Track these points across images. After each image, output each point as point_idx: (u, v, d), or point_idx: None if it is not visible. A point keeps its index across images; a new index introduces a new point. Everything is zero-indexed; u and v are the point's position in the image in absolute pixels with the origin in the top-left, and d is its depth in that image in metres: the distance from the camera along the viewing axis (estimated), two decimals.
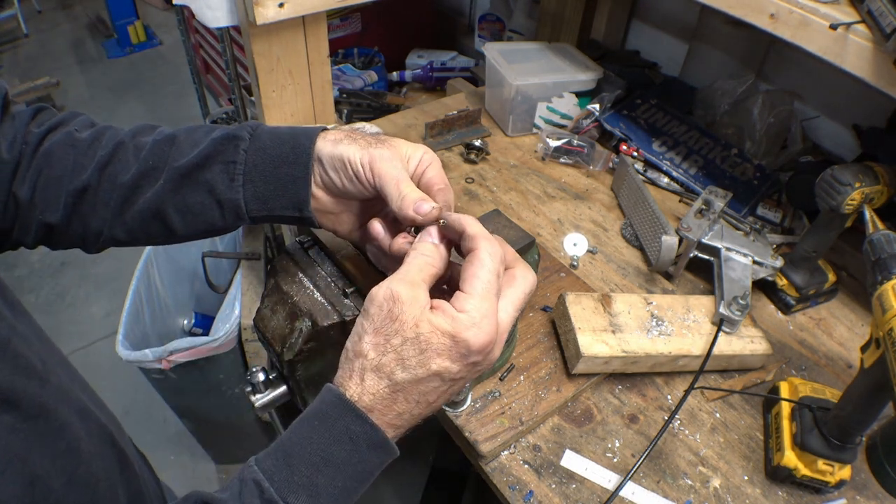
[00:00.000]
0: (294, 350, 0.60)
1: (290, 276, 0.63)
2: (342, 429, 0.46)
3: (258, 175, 0.56)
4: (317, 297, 0.61)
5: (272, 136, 0.57)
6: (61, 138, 0.58)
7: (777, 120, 1.31)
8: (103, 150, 0.57)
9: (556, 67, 1.46)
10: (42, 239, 0.60)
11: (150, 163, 0.57)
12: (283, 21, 1.10)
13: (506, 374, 0.89)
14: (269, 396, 0.65)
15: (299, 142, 0.56)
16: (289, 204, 0.57)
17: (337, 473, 0.46)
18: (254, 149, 0.56)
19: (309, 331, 0.59)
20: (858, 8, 0.80)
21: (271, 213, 0.57)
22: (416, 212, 0.52)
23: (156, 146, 0.57)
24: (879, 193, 0.90)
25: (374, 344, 0.46)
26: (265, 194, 0.57)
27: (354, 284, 0.62)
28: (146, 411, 2.12)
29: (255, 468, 0.45)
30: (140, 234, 0.59)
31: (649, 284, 1.10)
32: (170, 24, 4.54)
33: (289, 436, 0.47)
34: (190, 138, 0.58)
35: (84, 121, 0.62)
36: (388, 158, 0.54)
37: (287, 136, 0.57)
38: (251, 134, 0.57)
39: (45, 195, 0.57)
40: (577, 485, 0.80)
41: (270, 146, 0.56)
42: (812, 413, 0.80)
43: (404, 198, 0.53)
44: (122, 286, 1.63)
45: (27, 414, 0.45)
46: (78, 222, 0.58)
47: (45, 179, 0.57)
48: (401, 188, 0.53)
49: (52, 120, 0.61)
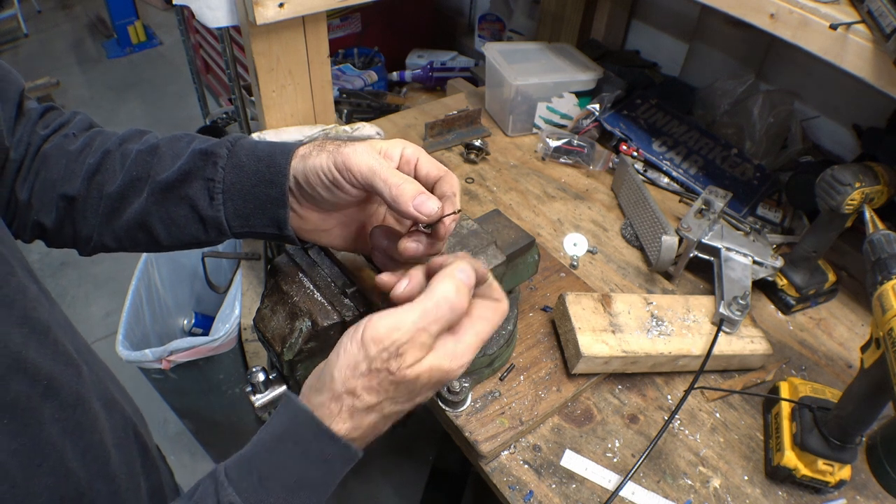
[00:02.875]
0: (294, 350, 0.59)
1: (290, 276, 0.63)
2: (318, 452, 0.45)
3: (237, 193, 0.55)
4: (317, 297, 0.61)
5: (250, 153, 0.56)
6: (57, 142, 0.59)
7: (777, 120, 1.31)
8: (92, 158, 0.58)
9: (556, 67, 1.46)
10: (38, 237, 0.61)
11: (134, 174, 0.57)
12: (283, 21, 1.10)
13: (506, 374, 0.89)
14: (269, 396, 0.65)
15: (275, 160, 0.54)
16: (268, 222, 0.56)
17: (311, 494, 0.46)
18: (231, 166, 0.55)
19: (309, 331, 0.59)
20: (858, 8, 0.80)
21: (253, 229, 0.57)
22: (419, 210, 0.49)
23: (139, 156, 0.57)
24: (879, 193, 0.90)
25: (367, 388, 0.45)
26: (245, 212, 0.56)
27: (354, 284, 0.61)
28: (146, 411, 2.09)
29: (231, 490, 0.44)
30: (127, 243, 0.60)
31: (649, 284, 1.10)
32: (170, 24, 4.54)
33: (263, 456, 0.46)
34: (171, 149, 0.57)
35: (81, 122, 0.62)
36: (361, 152, 0.51)
37: (264, 154, 0.55)
38: (229, 150, 0.56)
39: (41, 197, 0.57)
40: (577, 485, 0.80)
41: (247, 164, 0.55)
42: (812, 413, 0.79)
43: (398, 189, 0.49)
44: (122, 286, 1.63)
45: (65, 403, 0.45)
46: (69, 226, 0.59)
47: (41, 182, 0.57)
48: (386, 177, 0.50)
49: (56, 121, 0.61)
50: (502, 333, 0.87)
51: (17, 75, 0.58)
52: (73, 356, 0.48)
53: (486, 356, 0.84)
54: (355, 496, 1.92)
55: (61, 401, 0.45)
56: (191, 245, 0.60)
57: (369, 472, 1.98)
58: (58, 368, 0.45)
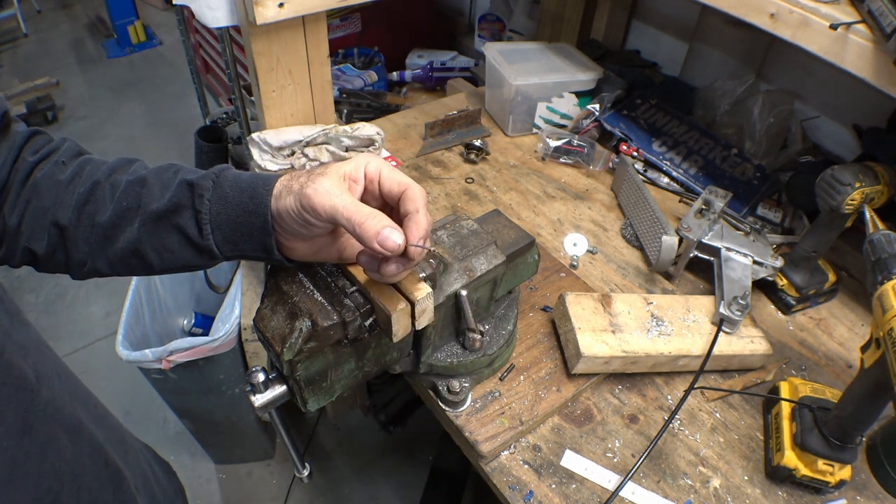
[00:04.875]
0: (294, 350, 0.59)
1: (290, 275, 0.63)
2: None
3: (224, 223, 0.57)
4: (317, 297, 0.61)
5: (233, 185, 0.57)
6: (48, 171, 0.59)
7: (777, 120, 1.31)
8: (82, 188, 0.59)
9: (556, 67, 1.46)
10: (27, 263, 0.61)
11: (124, 204, 0.58)
12: (283, 21, 1.10)
13: (506, 374, 0.89)
14: (269, 396, 0.65)
15: (257, 192, 0.56)
16: (257, 248, 0.58)
17: None
18: (216, 198, 0.57)
19: (309, 331, 0.59)
20: (858, 8, 0.80)
21: (243, 253, 0.59)
22: (383, 246, 0.50)
23: (128, 187, 0.59)
24: (879, 193, 0.90)
25: None
26: (234, 239, 0.58)
27: (354, 284, 0.61)
28: (146, 411, 2.12)
29: None
30: (121, 268, 0.61)
31: (649, 284, 1.10)
32: (170, 24, 4.54)
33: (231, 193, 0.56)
34: (159, 180, 0.59)
35: (70, 150, 0.63)
36: (322, 191, 0.52)
37: (246, 186, 0.57)
38: (214, 182, 0.58)
39: (32, 225, 0.58)
40: (577, 485, 0.80)
41: (231, 195, 0.57)
42: (812, 413, 0.80)
43: (361, 228, 0.50)
44: (122, 286, 1.63)
45: (11, 430, 0.44)
46: (61, 253, 0.60)
47: (32, 210, 0.58)
48: (349, 216, 0.51)
49: (45, 148, 0.61)
50: (502, 333, 0.87)
51: None
52: (27, 380, 0.47)
53: (487, 356, 0.84)
54: (355, 496, 1.92)
55: (6, 427, 0.44)
56: (184, 269, 0.62)
57: (369, 472, 1.98)
58: (7, 393, 0.44)
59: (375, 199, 0.58)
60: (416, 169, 1.35)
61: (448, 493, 1.70)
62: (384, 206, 0.57)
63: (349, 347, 0.65)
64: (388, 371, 0.79)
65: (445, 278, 0.75)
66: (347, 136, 1.27)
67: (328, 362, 0.65)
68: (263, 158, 1.24)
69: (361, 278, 0.60)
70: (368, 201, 0.57)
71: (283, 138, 1.24)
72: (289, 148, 1.25)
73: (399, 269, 0.55)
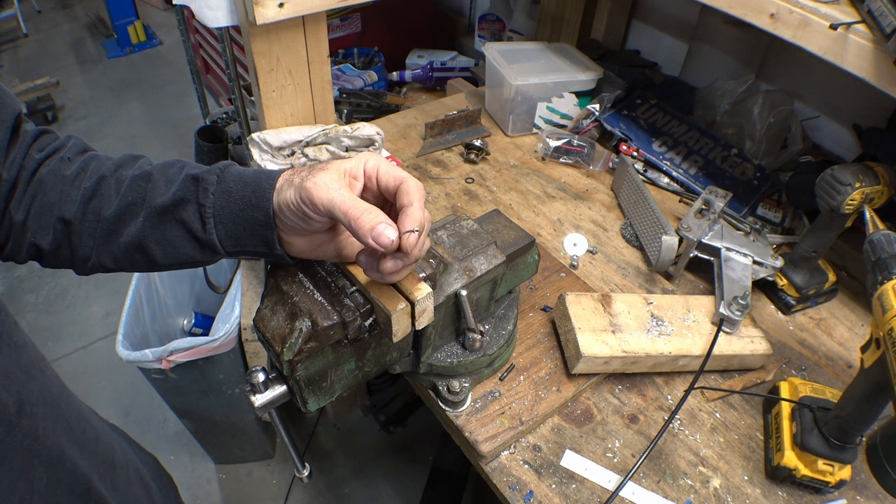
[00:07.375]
0: (294, 350, 0.59)
1: (290, 275, 0.63)
2: None
3: (227, 217, 0.58)
4: (317, 297, 0.61)
5: (237, 180, 0.58)
6: (53, 166, 0.60)
7: (777, 120, 1.31)
8: (87, 183, 0.59)
9: (556, 67, 1.46)
10: (33, 258, 0.61)
11: (130, 199, 0.59)
12: (283, 21, 1.10)
13: (506, 374, 0.89)
14: (269, 396, 0.65)
15: (260, 186, 0.57)
16: (259, 243, 0.59)
17: None
18: (220, 191, 0.58)
19: (309, 331, 0.59)
20: (858, 8, 0.80)
21: (244, 248, 0.60)
22: (377, 241, 0.51)
23: (134, 182, 0.59)
24: (879, 193, 0.90)
25: None
26: (236, 233, 0.58)
27: (354, 284, 0.61)
28: (146, 411, 2.12)
29: None
30: (125, 263, 0.61)
31: (649, 284, 1.10)
32: (170, 24, 4.55)
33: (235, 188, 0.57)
34: (164, 175, 0.60)
35: (76, 146, 0.63)
36: (322, 185, 0.52)
37: (250, 180, 0.58)
38: (219, 176, 0.59)
39: (38, 220, 0.58)
40: (577, 485, 0.80)
41: (235, 189, 0.58)
42: (812, 413, 0.80)
43: (356, 222, 0.51)
44: (122, 286, 1.63)
45: None
46: (66, 248, 0.60)
47: (38, 205, 0.58)
48: (346, 210, 0.51)
49: (51, 145, 0.62)
50: (502, 333, 0.87)
51: (13, 99, 0.59)
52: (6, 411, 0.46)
53: (487, 356, 0.84)
54: (355, 496, 1.92)
55: None
56: (187, 265, 0.62)
57: (369, 472, 1.98)
58: None
59: (375, 196, 0.58)
60: (416, 169, 1.35)
61: (448, 493, 1.70)
62: (384, 202, 0.58)
63: (349, 347, 0.65)
64: (388, 371, 0.80)
65: (445, 278, 0.76)
66: (347, 136, 1.27)
67: (328, 362, 0.65)
68: (263, 158, 1.24)
69: (361, 278, 0.60)
70: (368, 198, 0.57)
71: (283, 138, 1.24)
72: (289, 148, 1.25)
73: (397, 265, 0.55)
